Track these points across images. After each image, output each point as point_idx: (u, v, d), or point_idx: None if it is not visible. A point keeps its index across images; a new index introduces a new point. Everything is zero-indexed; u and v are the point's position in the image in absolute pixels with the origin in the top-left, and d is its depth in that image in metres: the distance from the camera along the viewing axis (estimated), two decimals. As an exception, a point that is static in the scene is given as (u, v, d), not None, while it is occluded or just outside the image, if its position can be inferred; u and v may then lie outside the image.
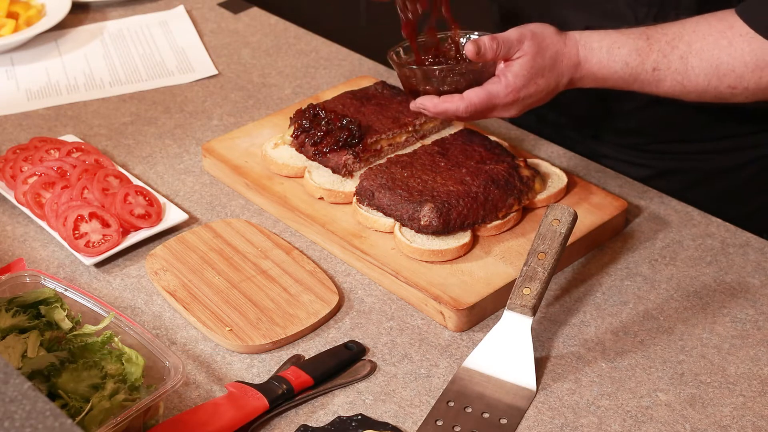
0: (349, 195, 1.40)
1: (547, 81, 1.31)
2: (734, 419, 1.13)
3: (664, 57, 1.30)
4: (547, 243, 1.20)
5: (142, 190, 1.40)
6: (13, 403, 0.75)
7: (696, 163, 1.57)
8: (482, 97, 1.30)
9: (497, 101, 1.30)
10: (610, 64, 1.31)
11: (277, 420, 1.13)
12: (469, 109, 1.30)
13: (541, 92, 1.32)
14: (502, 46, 1.28)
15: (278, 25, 1.94)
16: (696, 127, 1.54)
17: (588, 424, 1.12)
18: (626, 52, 1.30)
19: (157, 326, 1.25)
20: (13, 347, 1.09)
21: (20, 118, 1.66)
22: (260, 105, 1.69)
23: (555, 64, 1.30)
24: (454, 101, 1.31)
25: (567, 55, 1.31)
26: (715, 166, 1.56)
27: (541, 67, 1.30)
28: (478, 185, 1.33)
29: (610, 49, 1.30)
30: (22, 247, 1.37)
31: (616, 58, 1.30)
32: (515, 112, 1.33)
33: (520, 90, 1.30)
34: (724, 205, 1.49)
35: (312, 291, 1.28)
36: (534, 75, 1.30)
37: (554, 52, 1.30)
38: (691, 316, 1.27)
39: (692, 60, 1.29)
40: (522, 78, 1.29)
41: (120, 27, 1.93)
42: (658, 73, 1.30)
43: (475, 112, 1.31)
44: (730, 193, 1.56)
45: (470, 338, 1.23)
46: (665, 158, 1.58)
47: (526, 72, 1.29)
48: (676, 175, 1.57)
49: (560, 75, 1.31)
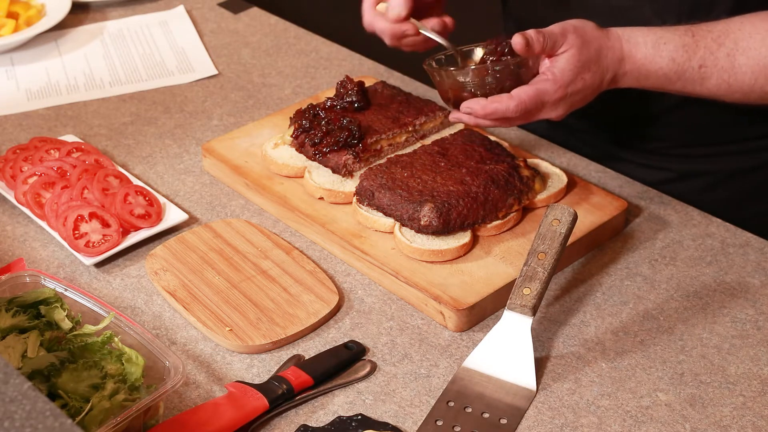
0: (349, 195, 1.40)
1: (593, 76, 1.27)
2: (734, 419, 1.13)
3: (711, 54, 1.27)
4: (547, 243, 1.20)
5: (142, 190, 1.40)
6: (13, 403, 0.75)
7: (717, 165, 1.55)
8: (531, 95, 1.26)
9: (546, 98, 1.26)
10: (656, 59, 1.28)
11: (277, 420, 1.13)
12: (520, 107, 1.26)
13: (588, 89, 1.28)
14: (548, 39, 1.25)
15: (278, 25, 1.94)
16: (718, 129, 1.52)
17: (588, 424, 1.12)
18: (673, 48, 1.27)
19: (157, 326, 1.25)
20: (13, 347, 1.09)
21: (20, 118, 1.66)
22: (260, 105, 1.69)
23: (600, 57, 1.27)
24: (503, 101, 1.26)
25: (611, 49, 1.27)
26: (736, 167, 1.55)
27: (587, 60, 1.26)
28: (478, 185, 1.33)
29: (656, 44, 1.27)
30: (22, 247, 1.37)
31: (662, 53, 1.27)
32: (562, 111, 1.29)
33: (568, 85, 1.26)
34: (745, 205, 1.48)
35: (312, 291, 1.28)
36: (581, 69, 1.26)
37: (598, 45, 1.27)
38: (691, 316, 1.27)
39: (740, 58, 1.27)
40: (569, 72, 1.26)
41: (120, 27, 1.93)
42: (704, 71, 1.28)
43: (525, 111, 1.27)
44: (751, 194, 1.55)
45: (470, 338, 1.23)
46: (686, 161, 1.56)
47: (572, 66, 1.26)
48: (696, 177, 1.55)
49: (605, 70, 1.28)
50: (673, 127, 1.54)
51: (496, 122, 1.29)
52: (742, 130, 1.52)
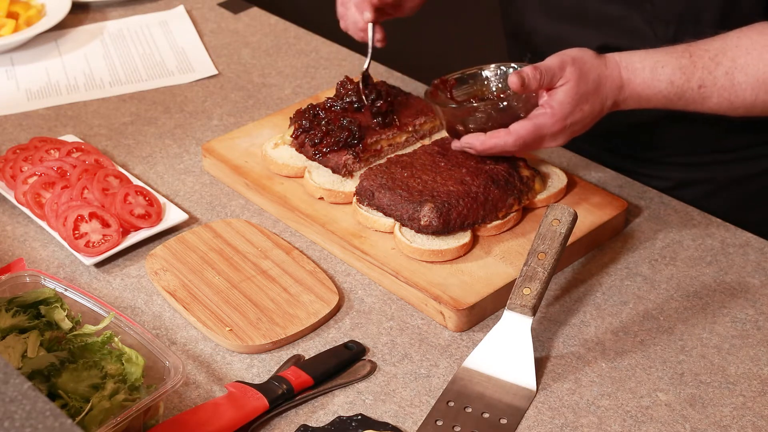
0: (349, 195, 1.40)
1: (592, 106, 1.29)
2: (734, 419, 1.13)
3: (710, 74, 1.28)
4: (547, 243, 1.20)
5: (142, 190, 1.40)
6: (13, 403, 0.75)
7: (714, 174, 1.55)
8: (529, 130, 1.28)
9: (545, 131, 1.29)
10: (655, 83, 1.29)
11: (277, 420, 1.13)
12: (518, 143, 1.29)
13: (587, 118, 1.30)
14: (546, 74, 1.26)
15: (278, 25, 1.94)
16: (715, 138, 1.52)
17: (588, 424, 1.12)
18: (670, 71, 1.29)
19: (157, 326, 1.25)
20: (13, 347, 1.09)
21: (20, 118, 1.66)
22: (260, 105, 1.69)
23: (598, 88, 1.28)
24: (500, 136, 1.29)
25: (610, 78, 1.29)
26: (735, 175, 1.55)
27: (585, 92, 1.28)
28: (478, 185, 1.33)
29: (654, 69, 1.29)
30: (22, 247, 1.37)
31: (660, 77, 1.29)
32: (562, 140, 1.31)
33: (566, 118, 1.28)
34: (745, 213, 1.48)
35: (312, 291, 1.28)
36: (579, 101, 1.28)
37: (597, 75, 1.28)
38: (691, 316, 1.27)
39: (738, 75, 1.28)
40: (568, 105, 1.27)
41: (120, 27, 1.93)
42: (704, 90, 1.29)
43: (524, 145, 1.29)
44: (750, 202, 1.55)
45: (470, 338, 1.23)
46: (684, 169, 1.56)
47: (570, 99, 1.27)
48: (695, 186, 1.55)
49: (605, 98, 1.29)
50: (670, 136, 1.54)
51: (496, 155, 1.34)
52: (739, 139, 1.52)
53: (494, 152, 1.32)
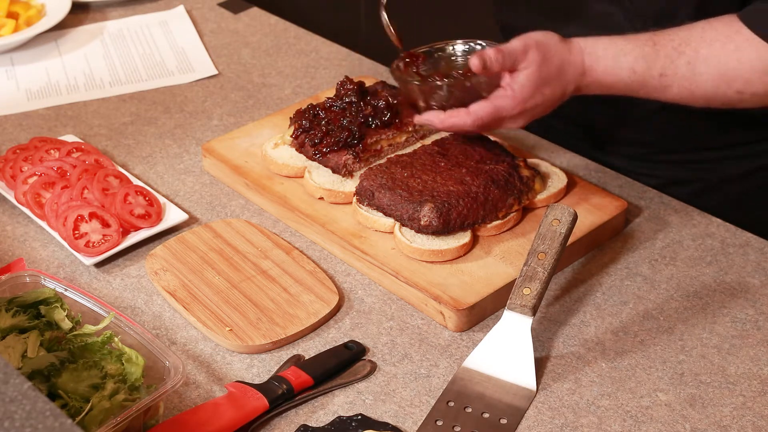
0: (349, 195, 1.40)
1: (553, 90, 1.30)
2: (734, 419, 1.13)
3: (672, 63, 1.29)
4: (547, 243, 1.20)
5: (142, 190, 1.40)
6: (13, 403, 0.75)
7: (705, 172, 1.55)
8: (489, 111, 1.29)
9: (504, 113, 1.29)
10: (617, 71, 1.29)
11: (277, 420, 1.13)
12: (476, 123, 1.30)
13: (548, 102, 1.30)
14: (508, 57, 1.27)
15: (278, 25, 1.94)
16: (705, 136, 1.53)
17: (588, 424, 1.12)
18: (632, 59, 1.29)
19: (157, 326, 1.25)
20: (13, 347, 1.09)
21: (20, 118, 1.66)
22: (260, 105, 1.69)
23: (561, 73, 1.29)
24: (460, 116, 1.30)
25: (572, 64, 1.29)
26: (725, 174, 1.55)
27: (547, 76, 1.28)
28: (478, 185, 1.33)
29: (617, 57, 1.29)
30: (22, 247, 1.37)
31: (622, 65, 1.29)
32: (522, 122, 1.32)
33: (526, 101, 1.29)
34: (736, 212, 1.48)
35: (312, 291, 1.28)
36: (540, 85, 1.28)
37: (560, 60, 1.29)
38: (691, 316, 1.27)
39: (700, 66, 1.28)
40: (528, 89, 1.28)
41: (120, 27, 1.93)
42: (665, 79, 1.29)
43: (483, 126, 1.30)
44: (741, 201, 1.55)
45: (470, 338, 1.23)
46: (674, 168, 1.56)
47: (532, 83, 1.28)
48: (685, 184, 1.55)
49: (566, 83, 1.30)
50: (656, 133, 1.55)
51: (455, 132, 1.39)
52: (726, 137, 1.52)
53: (453, 130, 1.34)
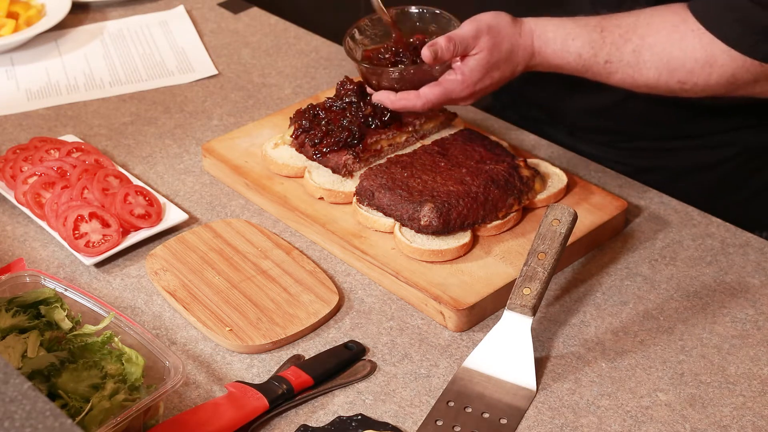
0: (349, 195, 1.40)
1: (502, 72, 1.34)
2: (734, 419, 1.13)
3: (617, 50, 1.32)
4: (547, 243, 1.20)
5: (142, 190, 1.40)
6: (13, 403, 0.75)
7: (671, 161, 1.58)
8: (438, 94, 1.34)
9: (454, 95, 1.35)
10: (564, 55, 1.34)
11: (277, 420, 1.13)
12: (426, 106, 1.35)
13: (496, 83, 1.36)
14: (459, 46, 1.32)
15: (278, 25, 1.94)
16: (670, 125, 1.55)
17: (588, 424, 1.12)
18: (580, 44, 1.33)
19: (157, 326, 1.25)
20: (13, 347, 1.09)
21: (20, 118, 1.66)
22: (260, 105, 1.69)
23: (510, 56, 1.34)
24: (410, 98, 1.36)
25: (522, 47, 1.34)
26: (690, 163, 1.57)
27: (497, 60, 1.33)
28: (478, 185, 1.33)
29: (565, 41, 1.33)
30: (22, 247, 1.37)
31: (570, 50, 1.33)
32: (471, 101, 1.38)
33: (476, 84, 1.34)
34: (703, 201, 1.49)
35: (312, 291, 1.28)
36: (490, 69, 1.33)
37: (509, 44, 1.33)
38: (691, 316, 1.27)
39: (644, 54, 1.31)
40: (478, 73, 1.33)
41: (120, 27, 1.93)
42: (610, 66, 1.33)
43: (433, 107, 1.37)
44: (705, 192, 1.57)
45: (470, 338, 1.23)
46: (641, 156, 1.59)
47: (482, 68, 1.33)
48: (651, 173, 1.57)
49: (516, 65, 1.35)
50: (623, 121, 1.57)
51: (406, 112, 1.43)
52: (693, 126, 1.54)
53: (404, 111, 1.39)
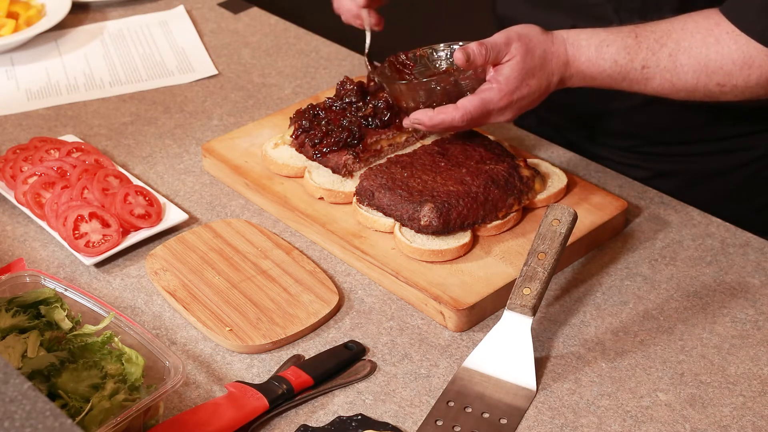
0: (349, 195, 1.40)
1: (539, 81, 1.31)
2: (734, 419, 1.13)
3: (653, 54, 1.30)
4: (547, 243, 1.20)
5: (142, 190, 1.40)
6: (13, 403, 0.75)
7: (692, 165, 1.57)
8: (476, 105, 1.30)
9: (492, 106, 1.31)
10: (599, 62, 1.31)
11: (277, 420, 1.13)
12: (465, 118, 1.31)
13: (534, 93, 1.32)
14: (491, 51, 1.29)
15: (278, 25, 1.94)
16: (691, 129, 1.54)
17: (588, 424, 1.12)
18: (615, 50, 1.30)
19: (157, 326, 1.25)
20: (13, 347, 1.09)
21: (20, 118, 1.66)
22: (260, 105, 1.69)
23: (544, 63, 1.30)
24: (448, 112, 1.31)
25: (555, 54, 1.31)
26: (712, 167, 1.56)
27: (531, 67, 1.30)
28: (478, 185, 1.33)
29: (599, 47, 1.31)
30: (22, 247, 1.37)
31: (605, 56, 1.30)
32: (510, 115, 1.33)
33: (513, 93, 1.30)
34: (721, 206, 1.49)
35: (312, 291, 1.28)
36: (525, 76, 1.30)
37: (543, 51, 1.30)
38: (691, 316, 1.27)
39: (681, 57, 1.29)
40: (514, 81, 1.30)
41: (120, 27, 1.93)
42: (647, 71, 1.31)
43: (472, 120, 1.32)
44: (727, 195, 1.56)
45: (470, 338, 1.23)
46: (661, 160, 1.58)
47: (517, 74, 1.29)
48: (672, 177, 1.57)
49: (551, 74, 1.31)
50: (644, 125, 1.56)
51: (444, 130, 1.38)
52: (712, 131, 1.54)
53: (442, 127, 1.34)
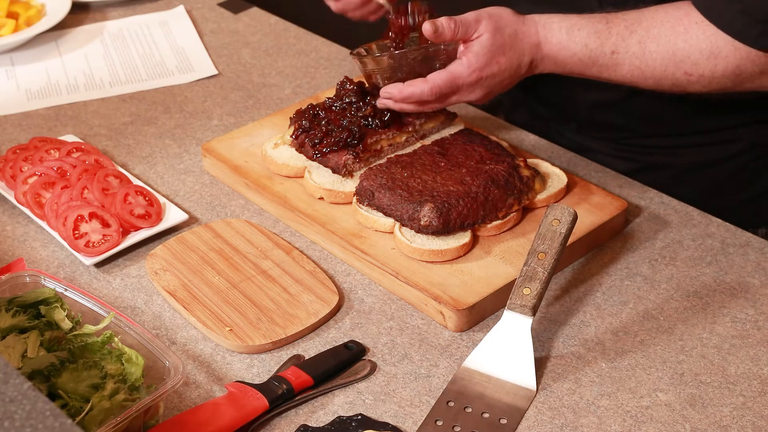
0: (349, 195, 1.40)
1: (509, 59, 1.32)
2: (734, 419, 1.13)
3: (623, 41, 1.31)
4: (547, 243, 1.20)
5: (142, 190, 1.40)
6: (13, 403, 0.75)
7: (678, 158, 1.58)
8: (445, 78, 1.32)
9: (461, 81, 1.32)
10: (570, 45, 1.32)
11: (277, 420, 1.13)
12: (434, 91, 1.32)
13: (504, 72, 1.33)
14: (460, 26, 1.30)
15: (278, 25, 1.94)
16: (677, 121, 1.55)
17: (588, 424, 1.12)
18: (585, 34, 1.32)
19: (157, 326, 1.25)
20: (13, 347, 1.09)
21: (20, 118, 1.66)
22: (260, 105, 1.69)
23: (515, 42, 1.32)
24: (417, 85, 1.33)
25: (526, 34, 1.32)
26: (698, 160, 1.57)
27: (501, 44, 1.31)
28: (478, 185, 1.33)
29: (570, 30, 1.32)
30: (22, 247, 1.37)
31: (576, 39, 1.32)
32: (480, 93, 1.34)
33: (482, 69, 1.31)
34: (708, 198, 1.49)
35: (312, 291, 1.28)
36: (495, 53, 1.31)
37: (513, 30, 1.31)
38: (691, 316, 1.27)
39: (650, 45, 1.30)
40: (483, 57, 1.31)
41: (120, 27, 1.93)
42: (616, 57, 1.32)
43: (441, 95, 1.33)
44: (713, 187, 1.57)
45: (470, 338, 1.23)
46: (648, 152, 1.59)
47: (486, 51, 1.31)
48: (658, 169, 1.57)
49: (521, 54, 1.32)
50: (636, 117, 1.56)
51: (414, 106, 1.37)
52: (699, 123, 1.55)
53: (412, 100, 1.34)
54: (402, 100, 1.36)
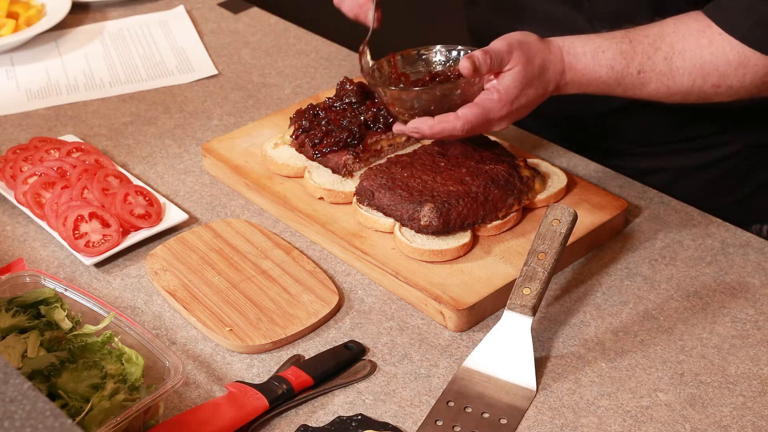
0: (349, 195, 1.40)
1: (536, 90, 1.30)
2: (734, 419, 1.13)
3: (649, 59, 1.30)
4: (547, 243, 1.20)
5: (142, 190, 1.40)
6: (13, 403, 0.75)
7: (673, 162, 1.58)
8: (478, 114, 1.29)
9: (492, 115, 1.30)
10: (596, 68, 1.31)
11: (277, 420, 1.13)
12: (466, 127, 1.29)
13: (531, 103, 1.31)
14: (495, 59, 1.28)
15: (278, 25, 1.94)
16: (667, 130, 1.55)
17: (588, 424, 1.12)
18: (611, 56, 1.30)
19: (157, 326, 1.25)
20: (13, 347, 1.09)
21: (20, 118, 1.66)
22: (260, 105, 1.69)
23: (543, 72, 1.30)
24: (450, 121, 1.29)
25: (553, 62, 1.30)
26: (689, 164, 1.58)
27: (531, 76, 1.29)
28: (478, 185, 1.33)
29: (595, 54, 1.30)
30: (22, 247, 1.37)
31: (601, 63, 1.30)
32: (507, 123, 1.33)
33: (513, 102, 1.29)
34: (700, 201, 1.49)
35: (312, 291, 1.28)
36: (525, 85, 1.29)
37: (542, 59, 1.30)
38: (691, 316, 1.27)
39: (676, 60, 1.29)
40: (514, 90, 1.29)
41: (120, 27, 1.93)
42: (643, 76, 1.31)
43: (472, 129, 1.30)
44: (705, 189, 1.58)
45: (470, 338, 1.23)
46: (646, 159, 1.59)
47: (518, 84, 1.28)
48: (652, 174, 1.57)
49: (547, 82, 1.31)
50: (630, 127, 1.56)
51: (442, 139, 1.35)
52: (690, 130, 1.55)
53: (442, 136, 1.32)
54: (431, 136, 1.32)
